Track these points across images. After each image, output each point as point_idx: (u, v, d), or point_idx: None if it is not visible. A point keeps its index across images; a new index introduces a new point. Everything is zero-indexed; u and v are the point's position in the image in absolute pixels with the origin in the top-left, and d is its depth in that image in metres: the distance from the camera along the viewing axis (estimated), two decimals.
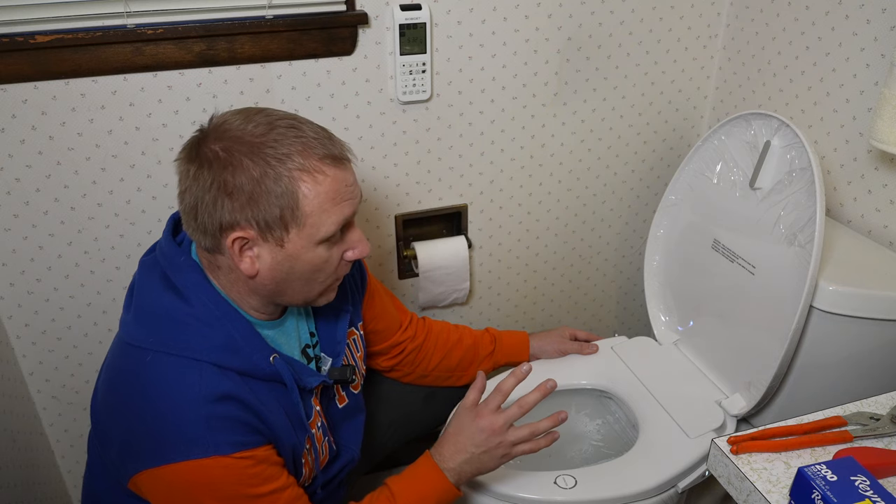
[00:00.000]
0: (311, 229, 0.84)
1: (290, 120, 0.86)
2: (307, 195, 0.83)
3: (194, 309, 0.86)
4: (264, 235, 0.84)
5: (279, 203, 0.82)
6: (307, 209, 0.83)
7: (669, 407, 1.21)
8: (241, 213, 0.82)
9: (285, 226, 0.83)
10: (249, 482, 0.85)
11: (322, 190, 0.83)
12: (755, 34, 1.37)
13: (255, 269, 0.86)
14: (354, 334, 1.09)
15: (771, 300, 1.11)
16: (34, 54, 1.07)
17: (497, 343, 1.32)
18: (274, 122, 0.84)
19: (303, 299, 0.92)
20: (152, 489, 0.86)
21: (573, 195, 1.54)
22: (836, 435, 0.76)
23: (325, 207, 0.84)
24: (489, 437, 0.97)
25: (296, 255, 0.85)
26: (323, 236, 0.85)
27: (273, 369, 0.89)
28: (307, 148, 0.83)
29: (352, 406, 1.08)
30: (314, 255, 0.86)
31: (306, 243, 0.85)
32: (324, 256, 0.87)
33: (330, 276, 0.90)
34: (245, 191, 0.81)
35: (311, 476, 0.98)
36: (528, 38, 1.33)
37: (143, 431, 0.83)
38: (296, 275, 0.87)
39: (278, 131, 0.83)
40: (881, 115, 1.00)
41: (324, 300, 0.94)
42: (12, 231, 1.18)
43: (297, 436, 0.92)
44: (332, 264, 0.89)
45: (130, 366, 0.86)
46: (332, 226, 0.85)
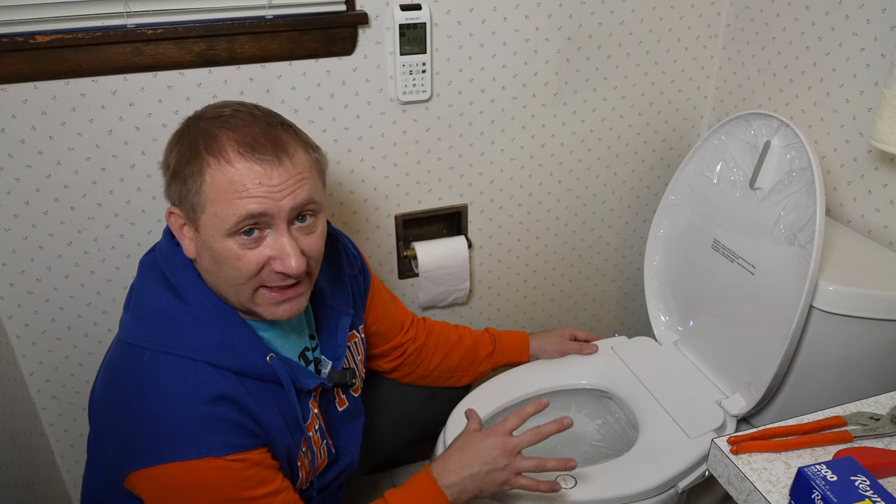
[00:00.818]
0: (213, 218, 0.82)
1: (249, 110, 0.85)
2: (207, 181, 0.81)
3: (191, 308, 0.86)
4: (188, 216, 0.85)
5: (190, 183, 0.82)
6: (207, 194, 0.81)
7: (669, 407, 1.21)
8: (170, 189, 0.86)
9: (194, 208, 0.83)
10: (242, 485, 0.84)
11: (222, 178, 0.80)
12: (755, 34, 1.37)
13: (192, 252, 0.87)
14: (356, 337, 1.09)
15: (771, 300, 1.11)
16: (34, 54, 1.07)
17: (497, 343, 1.32)
18: (238, 109, 0.85)
19: (237, 301, 0.87)
20: (146, 489, 0.86)
21: (573, 195, 1.54)
22: (836, 435, 0.76)
23: (224, 197, 0.80)
24: (498, 457, 0.95)
25: (208, 243, 0.83)
26: (226, 228, 0.81)
27: (270, 369, 0.88)
28: (232, 134, 0.82)
29: (351, 409, 1.08)
30: (223, 248, 0.82)
31: (213, 232, 0.82)
32: (235, 252, 0.82)
33: (250, 279, 0.84)
34: (171, 166, 0.85)
35: (307, 480, 0.98)
36: (528, 38, 1.33)
37: (138, 431, 0.83)
38: (218, 267, 0.85)
39: (224, 118, 0.83)
40: (881, 115, 1.00)
41: (269, 313, 0.88)
42: (12, 231, 1.18)
43: (292, 438, 0.92)
44: (249, 266, 0.83)
45: (127, 365, 0.86)
46: (230, 219, 0.81)
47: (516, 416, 0.99)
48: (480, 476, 0.95)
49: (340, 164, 1.33)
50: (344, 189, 1.35)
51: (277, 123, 0.86)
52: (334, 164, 1.32)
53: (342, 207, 1.37)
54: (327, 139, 1.29)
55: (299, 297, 0.89)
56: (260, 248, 0.83)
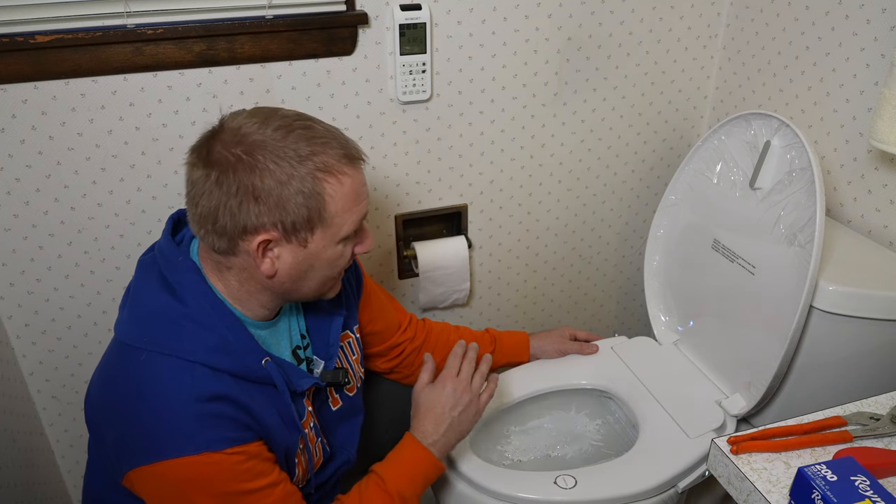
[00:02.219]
0: (335, 229, 0.87)
1: (304, 121, 0.87)
2: (332, 196, 0.85)
3: (189, 309, 0.86)
4: (288, 237, 0.85)
5: (307, 204, 0.83)
6: (332, 209, 0.85)
7: (669, 407, 1.21)
8: (269, 217, 0.83)
9: (311, 227, 0.85)
10: (241, 477, 0.85)
11: (345, 190, 0.86)
12: (755, 34, 1.37)
13: (274, 270, 0.87)
14: (349, 337, 1.09)
15: (771, 300, 1.11)
16: (34, 54, 1.07)
17: (497, 343, 1.32)
18: (292, 125, 0.85)
19: (316, 294, 0.94)
20: (145, 486, 0.86)
21: (573, 195, 1.54)
22: (836, 435, 0.76)
23: (347, 207, 0.87)
24: (461, 396, 1.04)
25: (317, 254, 0.88)
26: (344, 235, 0.88)
27: (265, 372, 0.89)
28: (327, 149, 0.85)
29: (346, 408, 1.08)
30: (333, 253, 0.89)
31: (328, 242, 0.87)
32: (341, 253, 0.90)
33: (342, 270, 0.93)
34: (273, 194, 0.82)
35: (304, 477, 0.98)
36: (528, 38, 1.33)
37: (136, 429, 0.84)
38: (314, 272, 0.90)
39: (297, 133, 0.84)
40: (881, 115, 1.00)
41: (332, 294, 0.97)
42: (12, 231, 1.18)
43: (290, 436, 0.93)
44: (346, 259, 0.92)
45: (124, 364, 0.86)
46: (353, 224, 0.88)
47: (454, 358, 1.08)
48: (455, 421, 1.04)
49: None
50: None
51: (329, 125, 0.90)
52: None
53: None
54: None
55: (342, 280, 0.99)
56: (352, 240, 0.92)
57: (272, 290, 0.90)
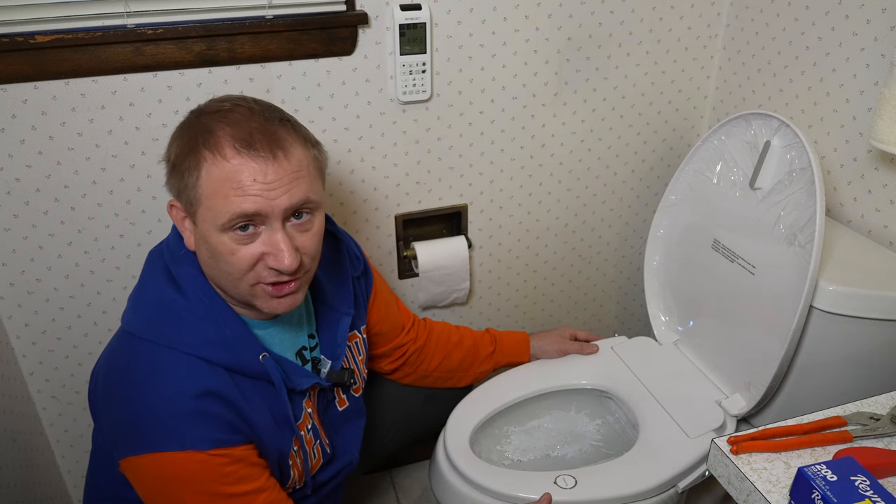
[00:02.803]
0: (209, 212, 0.82)
1: (249, 105, 0.85)
2: (204, 176, 0.82)
3: (190, 302, 0.87)
4: (187, 209, 0.86)
5: (187, 177, 0.83)
6: (204, 189, 0.82)
7: (669, 407, 1.21)
8: (171, 182, 0.86)
9: (191, 201, 0.84)
10: (223, 480, 0.85)
11: (218, 174, 0.81)
12: (755, 34, 1.37)
13: (192, 244, 0.88)
14: (357, 337, 1.09)
15: (771, 300, 1.11)
16: (34, 54, 1.07)
17: (497, 343, 1.32)
18: (238, 103, 0.85)
19: (237, 295, 0.88)
20: (133, 476, 0.87)
21: (573, 195, 1.54)
22: (836, 435, 0.76)
23: (221, 193, 0.81)
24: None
25: (204, 237, 0.84)
26: (221, 223, 0.81)
27: (262, 367, 0.89)
28: (229, 129, 0.82)
29: (352, 409, 1.08)
30: (218, 242, 0.83)
31: (209, 226, 0.83)
32: (229, 247, 0.83)
33: (245, 274, 0.84)
34: (171, 160, 0.86)
35: (301, 479, 0.98)
36: (528, 38, 1.33)
37: (128, 419, 0.84)
38: (214, 260, 0.85)
39: (223, 112, 0.84)
40: (881, 115, 1.00)
41: (266, 307, 0.87)
42: (12, 231, 1.18)
43: (282, 436, 0.92)
44: (244, 261, 0.83)
45: (125, 353, 0.87)
46: (224, 215, 0.81)
47: None
48: None
49: (340, 164, 1.33)
50: (344, 189, 1.35)
51: (276, 119, 0.85)
52: (334, 163, 1.32)
53: (342, 207, 1.37)
54: (327, 139, 1.29)
55: (297, 293, 0.88)
56: (254, 243, 0.83)
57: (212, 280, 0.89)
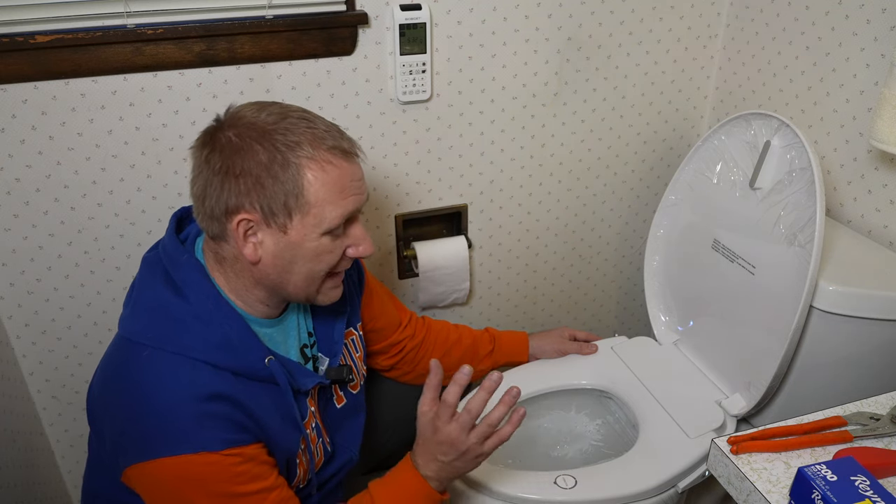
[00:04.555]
0: (315, 219, 0.85)
1: (302, 112, 0.87)
2: (313, 183, 0.84)
3: (192, 307, 0.87)
4: (268, 220, 0.85)
5: (284, 189, 0.83)
6: (312, 198, 0.84)
7: (669, 407, 1.21)
8: (247, 197, 0.84)
9: (289, 212, 0.84)
10: (236, 479, 0.85)
11: (328, 180, 0.85)
12: (755, 34, 1.37)
13: (257, 256, 0.87)
14: (353, 334, 1.09)
15: (771, 300, 1.11)
16: (34, 54, 1.07)
17: (496, 343, 1.32)
18: (287, 113, 0.86)
19: (304, 293, 0.91)
20: (142, 483, 0.86)
21: (573, 195, 1.54)
22: (836, 435, 0.76)
23: (330, 198, 0.85)
24: (451, 448, 0.92)
25: (298, 244, 0.86)
26: (327, 227, 0.86)
27: (267, 371, 0.89)
28: (317, 138, 0.85)
29: (350, 406, 1.08)
30: (317, 245, 0.87)
31: (309, 232, 0.86)
32: (327, 247, 0.88)
33: (331, 267, 0.91)
34: (252, 174, 0.83)
35: (305, 477, 0.98)
36: (528, 38, 1.33)
37: (135, 426, 0.84)
38: (297, 264, 0.88)
39: (290, 121, 0.85)
40: (881, 115, 1.00)
41: (326, 298, 0.94)
42: (12, 231, 1.18)
43: (291, 437, 0.92)
44: (335, 257, 0.90)
45: (126, 360, 0.86)
46: (335, 218, 0.86)
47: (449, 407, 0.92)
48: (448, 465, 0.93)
49: None
50: None
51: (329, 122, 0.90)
52: None
53: None
54: None
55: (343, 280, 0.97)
56: (341, 238, 0.90)
57: (263, 283, 0.90)
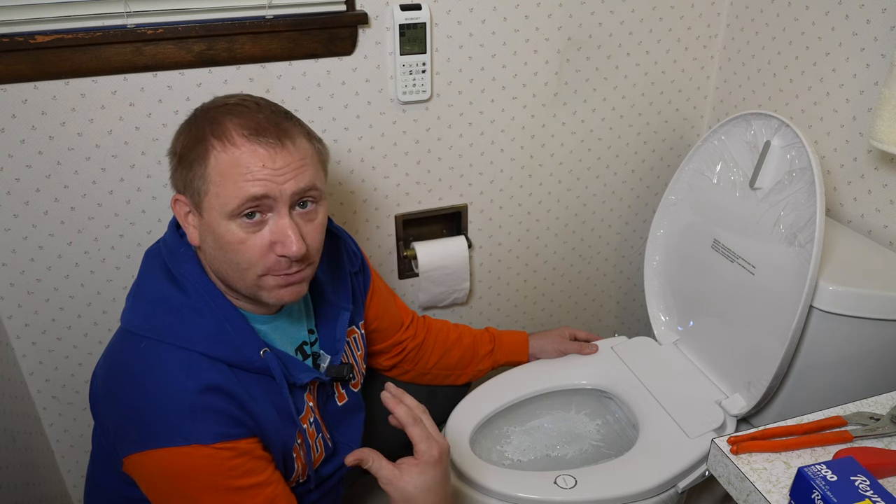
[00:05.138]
0: (216, 199, 0.83)
1: (255, 100, 0.88)
2: (212, 163, 0.83)
3: (190, 299, 0.87)
4: (193, 201, 0.86)
5: (197, 169, 0.84)
6: (211, 176, 0.83)
7: (669, 407, 1.21)
8: (177, 176, 0.87)
9: (198, 191, 0.85)
10: (230, 473, 0.85)
11: (227, 159, 0.82)
12: (755, 34, 1.37)
13: (196, 239, 0.88)
14: (355, 333, 1.09)
15: (771, 300, 1.11)
16: (34, 54, 1.07)
17: (496, 342, 1.32)
18: (242, 98, 0.87)
19: (244, 287, 0.88)
20: (138, 473, 0.87)
21: (573, 195, 1.54)
22: (836, 435, 0.76)
23: (228, 179, 0.82)
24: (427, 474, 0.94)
25: (212, 227, 0.85)
26: (229, 209, 0.82)
27: (263, 362, 0.89)
28: (241, 121, 0.84)
29: (351, 404, 1.08)
30: (226, 231, 0.84)
31: (216, 215, 0.84)
32: (238, 236, 0.84)
33: (255, 264, 0.85)
34: (177, 153, 0.86)
35: (304, 472, 0.98)
36: (528, 38, 1.33)
37: (132, 416, 0.85)
38: (221, 252, 0.86)
39: (230, 106, 0.86)
40: (881, 115, 1.00)
41: (273, 297, 0.88)
42: (12, 231, 1.18)
43: (286, 430, 0.93)
44: (253, 250, 0.84)
45: (125, 351, 0.87)
46: (233, 200, 0.82)
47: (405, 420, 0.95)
48: None
49: (340, 164, 1.33)
50: (344, 189, 1.35)
51: (281, 112, 0.89)
52: (334, 163, 1.32)
53: (342, 207, 1.37)
54: (327, 139, 1.29)
55: (302, 283, 0.90)
56: (262, 231, 0.85)
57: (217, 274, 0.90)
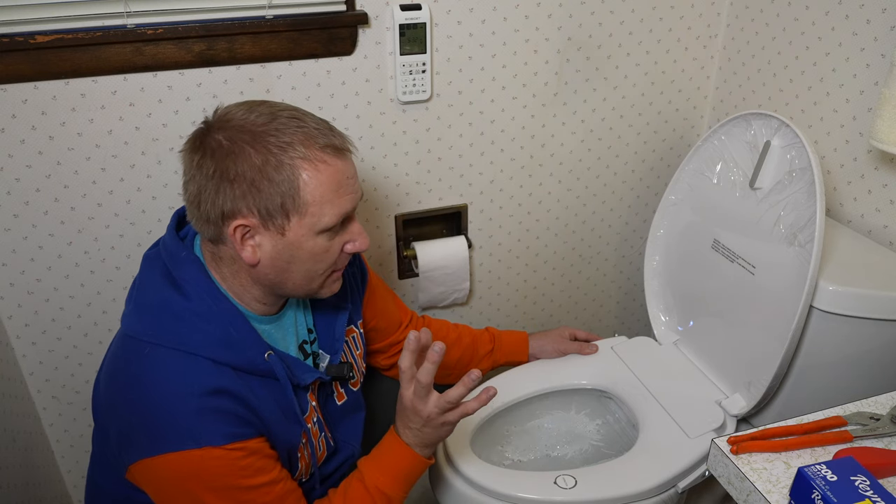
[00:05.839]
0: (312, 218, 0.85)
1: (292, 111, 0.87)
2: (308, 184, 0.84)
3: (192, 304, 0.87)
4: (265, 223, 0.85)
5: (280, 191, 0.83)
6: (308, 198, 0.84)
7: (669, 407, 1.21)
8: (243, 201, 0.83)
9: (286, 214, 0.84)
10: (241, 473, 0.85)
11: (323, 179, 0.84)
12: (755, 34, 1.37)
13: (256, 258, 0.87)
14: (354, 332, 1.09)
15: (771, 300, 1.11)
16: (34, 54, 1.07)
17: (496, 342, 1.32)
18: (276, 113, 0.86)
19: (305, 290, 0.92)
20: (146, 479, 0.87)
21: (573, 195, 1.54)
22: (836, 435, 0.76)
23: (326, 197, 0.85)
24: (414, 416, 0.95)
25: (296, 244, 0.86)
26: (324, 226, 0.86)
27: (267, 366, 0.89)
28: (309, 137, 0.84)
29: (351, 403, 1.08)
30: (314, 245, 0.87)
31: (307, 232, 0.86)
32: (324, 246, 0.88)
33: (330, 266, 0.91)
34: (247, 178, 0.82)
35: (307, 471, 0.99)
36: (528, 38, 1.33)
37: (138, 422, 0.84)
38: (296, 264, 0.88)
39: (280, 121, 0.84)
40: (881, 115, 1.00)
41: (327, 292, 0.94)
42: (12, 231, 1.18)
43: (292, 430, 0.93)
44: (333, 255, 0.90)
45: (129, 357, 0.87)
46: (332, 216, 0.86)
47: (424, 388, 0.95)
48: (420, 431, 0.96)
49: None
50: None
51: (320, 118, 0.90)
52: None
53: None
54: None
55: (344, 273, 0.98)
56: (339, 236, 0.90)
57: (261, 282, 0.90)
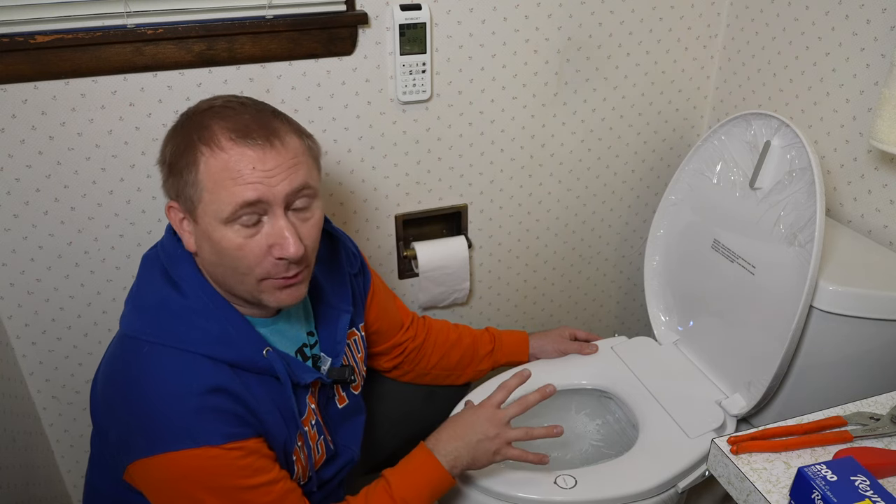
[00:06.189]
0: (210, 205, 0.81)
1: (240, 101, 0.86)
2: (202, 169, 0.81)
3: (190, 301, 0.87)
4: (186, 208, 0.85)
5: (188, 175, 0.82)
6: (203, 182, 0.81)
7: (669, 407, 1.21)
8: (168, 184, 0.86)
9: (191, 199, 0.83)
10: (240, 473, 0.85)
11: (216, 164, 0.80)
12: (755, 34, 1.37)
13: (193, 247, 0.87)
14: (355, 335, 1.09)
15: (771, 300, 1.11)
16: (34, 54, 1.07)
17: (497, 342, 1.32)
18: (228, 99, 0.86)
19: (246, 291, 0.87)
20: (144, 480, 0.86)
21: (573, 195, 1.54)
22: (836, 435, 0.76)
23: (220, 184, 0.80)
24: (488, 427, 0.99)
25: (207, 234, 0.83)
26: (224, 216, 0.81)
27: (266, 362, 0.89)
28: (223, 122, 0.82)
29: (352, 406, 1.08)
30: (222, 237, 0.82)
31: (211, 221, 0.82)
32: (234, 241, 0.82)
33: (254, 269, 0.84)
34: (168, 161, 0.85)
35: (304, 474, 0.99)
36: (528, 38, 1.33)
37: (136, 422, 0.84)
38: (221, 258, 0.84)
39: (215, 108, 0.84)
40: (881, 115, 1.00)
41: (271, 300, 0.88)
42: (12, 231, 1.18)
43: (288, 431, 0.93)
44: (252, 254, 0.83)
45: (126, 356, 0.87)
46: (227, 205, 0.80)
47: (502, 390, 1.03)
48: (472, 445, 0.99)
49: (340, 164, 1.33)
50: (344, 189, 1.35)
51: (268, 111, 0.87)
52: (334, 164, 1.32)
53: (342, 207, 1.37)
54: (327, 139, 1.29)
55: (301, 284, 0.89)
56: (259, 235, 0.83)
57: (216, 279, 0.89)
